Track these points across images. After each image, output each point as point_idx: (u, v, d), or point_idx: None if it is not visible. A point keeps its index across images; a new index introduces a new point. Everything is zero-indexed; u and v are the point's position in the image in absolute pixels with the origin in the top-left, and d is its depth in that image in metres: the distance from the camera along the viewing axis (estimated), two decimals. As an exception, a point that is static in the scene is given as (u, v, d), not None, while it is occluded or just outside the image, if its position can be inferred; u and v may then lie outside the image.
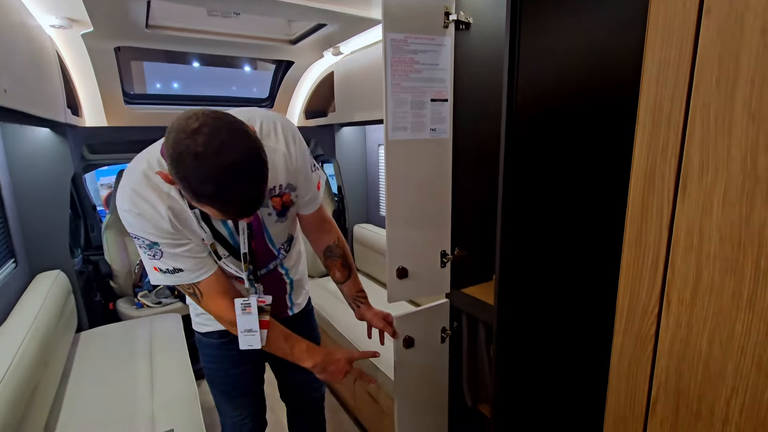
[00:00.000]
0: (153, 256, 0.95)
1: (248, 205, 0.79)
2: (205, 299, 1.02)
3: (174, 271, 0.96)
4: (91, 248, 2.83)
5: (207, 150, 0.71)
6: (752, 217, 0.47)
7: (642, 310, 0.58)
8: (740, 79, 0.46)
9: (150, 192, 0.89)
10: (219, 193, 0.74)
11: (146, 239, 0.92)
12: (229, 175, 0.73)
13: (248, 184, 0.76)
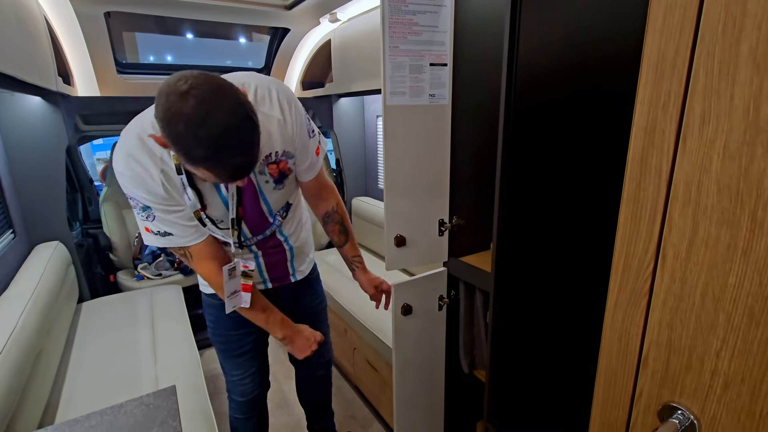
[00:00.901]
0: (146, 218, 0.98)
1: (240, 169, 0.79)
2: (195, 261, 1.07)
3: (165, 234, 0.99)
4: (90, 221, 2.83)
5: (197, 114, 0.71)
6: (751, 168, 0.46)
7: (637, 266, 0.59)
8: (746, 26, 0.44)
9: (144, 156, 0.91)
10: (210, 158, 0.75)
11: (139, 201, 0.95)
12: (219, 140, 0.73)
13: (239, 149, 0.76)
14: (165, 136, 0.75)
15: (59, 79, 1.81)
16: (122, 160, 0.92)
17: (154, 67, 2.47)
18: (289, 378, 2.34)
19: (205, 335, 2.64)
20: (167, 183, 0.94)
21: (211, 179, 0.82)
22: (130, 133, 0.92)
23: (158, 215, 0.96)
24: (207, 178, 0.84)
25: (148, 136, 0.90)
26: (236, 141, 0.75)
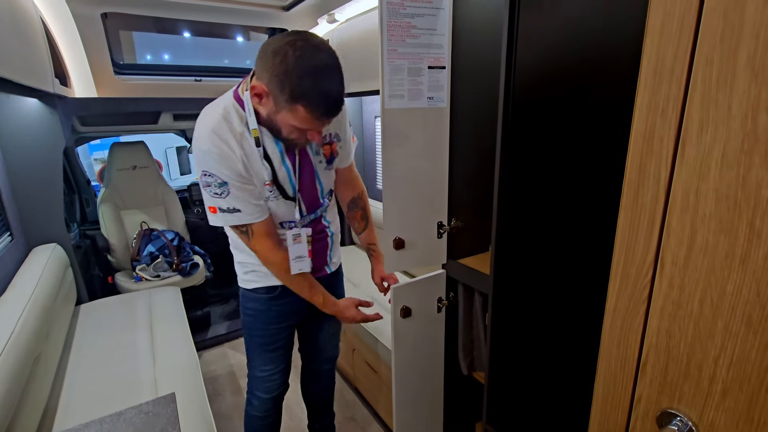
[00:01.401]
0: (219, 195, 1.05)
1: (335, 102, 0.96)
2: (255, 238, 1.13)
3: (233, 210, 1.07)
4: (88, 223, 2.83)
5: (305, 53, 0.90)
6: (749, 176, 0.46)
7: (636, 272, 0.59)
8: (745, 34, 0.44)
9: (227, 133, 1.02)
10: (315, 86, 0.91)
11: (219, 177, 1.03)
12: (322, 71, 0.92)
13: (336, 82, 0.95)
14: (273, 78, 0.91)
15: (56, 80, 1.80)
16: (207, 139, 1.01)
17: (151, 67, 2.46)
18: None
19: (204, 336, 2.66)
20: (246, 159, 1.05)
21: (304, 122, 0.96)
22: (213, 114, 1.03)
23: (232, 191, 1.05)
24: (301, 121, 0.96)
25: (233, 111, 1.03)
26: (334, 75, 0.94)
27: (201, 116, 1.06)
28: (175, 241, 2.68)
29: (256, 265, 1.26)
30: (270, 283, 1.28)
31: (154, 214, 2.86)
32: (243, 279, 1.32)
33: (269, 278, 1.27)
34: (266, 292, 1.30)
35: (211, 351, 2.63)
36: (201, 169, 1.04)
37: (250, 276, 1.30)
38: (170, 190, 2.94)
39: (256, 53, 0.98)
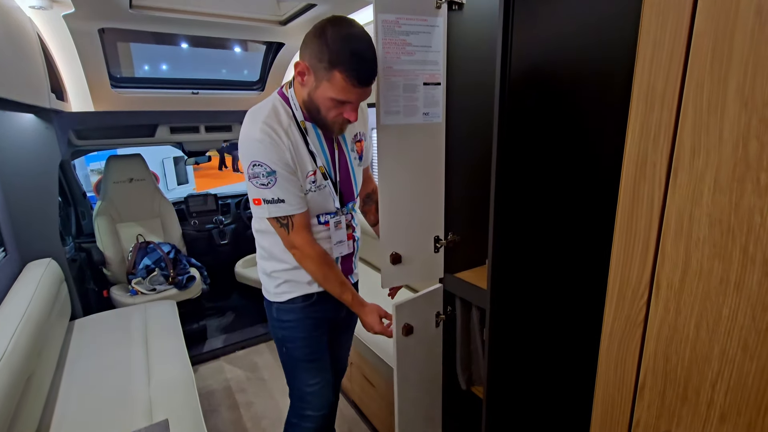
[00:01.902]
0: (265, 185, 1.09)
1: (369, 68, 1.03)
2: (294, 231, 1.16)
3: (277, 201, 1.11)
4: (83, 235, 2.81)
5: (342, 26, 1.01)
6: (742, 203, 0.46)
7: (632, 295, 0.59)
8: (734, 63, 0.45)
9: (277, 125, 1.09)
10: (351, 52, 0.99)
11: (268, 166, 1.07)
12: (357, 38, 1.01)
13: (370, 49, 1.02)
14: (324, 46, 1.00)
15: (52, 95, 1.80)
16: (259, 129, 1.06)
17: (148, 81, 2.47)
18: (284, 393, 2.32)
19: (200, 350, 2.63)
20: (293, 150, 1.11)
21: (343, 89, 1.03)
22: (262, 109, 1.10)
23: (279, 181, 1.09)
24: (339, 90, 1.04)
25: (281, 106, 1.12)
26: (369, 44, 1.02)
27: (248, 114, 1.13)
28: (171, 253, 2.66)
29: (290, 273, 1.26)
30: (306, 291, 1.29)
31: (150, 226, 2.84)
32: (276, 292, 1.30)
33: (304, 286, 1.28)
34: (303, 300, 1.30)
35: (207, 365, 2.61)
36: (250, 160, 1.08)
37: (283, 288, 1.29)
38: (167, 202, 2.93)
39: (253, 63, 1.03)
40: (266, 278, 1.32)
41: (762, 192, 0.45)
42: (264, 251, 1.29)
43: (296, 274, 1.26)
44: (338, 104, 1.08)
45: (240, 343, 2.76)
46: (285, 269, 1.26)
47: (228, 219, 3.30)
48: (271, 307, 1.33)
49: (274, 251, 1.26)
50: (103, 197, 2.72)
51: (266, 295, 1.34)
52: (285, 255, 1.24)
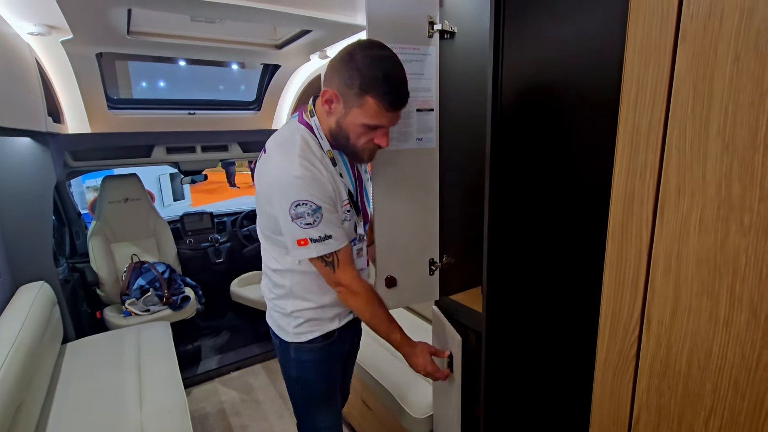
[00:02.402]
0: (311, 224, 1.01)
1: (403, 91, 1.01)
2: (341, 267, 1.08)
3: (325, 238, 1.03)
4: (77, 255, 2.79)
5: (373, 49, 0.98)
6: (727, 242, 0.47)
7: (623, 329, 0.59)
8: (714, 107, 0.46)
9: (313, 157, 1.04)
10: (383, 75, 0.95)
11: (314, 203, 1.00)
12: (389, 61, 0.98)
13: (402, 71, 1.00)
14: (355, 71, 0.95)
15: (49, 119, 1.81)
16: (298, 165, 0.99)
17: (145, 102, 2.49)
18: (279, 417, 2.28)
19: (194, 372, 2.59)
20: (332, 180, 1.06)
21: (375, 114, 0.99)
22: (292, 141, 1.04)
23: (325, 215, 1.02)
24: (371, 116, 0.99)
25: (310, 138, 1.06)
26: (400, 67, 1.01)
27: (275, 147, 1.07)
28: (166, 273, 2.65)
29: (315, 312, 1.19)
30: (328, 329, 1.22)
31: (145, 246, 2.83)
32: (296, 332, 1.21)
33: (326, 324, 1.21)
34: (323, 339, 1.22)
35: (201, 387, 2.57)
36: (293, 200, 0.99)
37: (305, 327, 1.21)
38: (162, 221, 2.93)
39: (250, 80, 1.00)
40: (284, 318, 1.22)
41: (746, 233, 0.46)
42: (282, 290, 1.20)
43: (321, 312, 1.20)
44: (369, 130, 1.03)
45: (235, 364, 2.72)
46: (309, 308, 1.19)
47: (224, 237, 3.29)
48: (288, 348, 1.24)
49: (295, 290, 1.17)
50: (98, 217, 2.71)
51: (281, 334, 1.24)
52: (309, 294, 1.17)
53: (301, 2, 1.45)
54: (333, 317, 1.23)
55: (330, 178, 1.05)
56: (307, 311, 1.19)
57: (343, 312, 1.25)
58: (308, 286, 1.17)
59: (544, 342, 1.06)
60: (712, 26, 0.46)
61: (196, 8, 1.43)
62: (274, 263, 1.18)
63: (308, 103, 1.12)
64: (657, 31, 0.50)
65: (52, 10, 1.40)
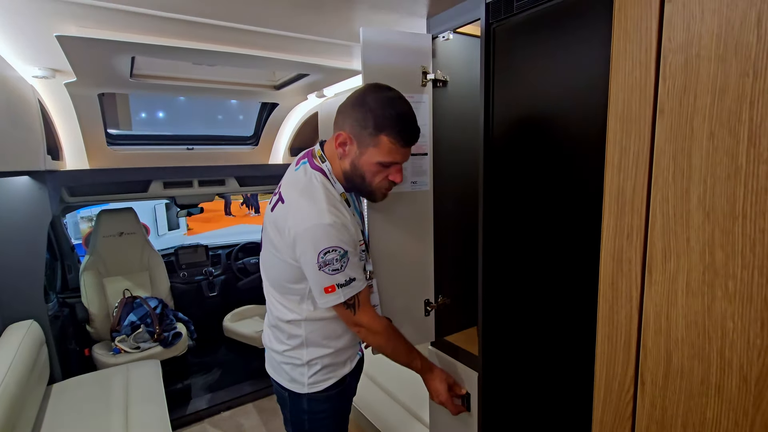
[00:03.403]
0: (338, 270, 1.02)
1: (415, 127, 1.04)
2: (361, 309, 1.08)
3: (350, 281, 1.04)
4: (68, 290, 2.75)
5: (382, 91, 1.02)
6: (714, 307, 0.48)
7: (618, 387, 0.59)
8: (694, 178, 0.49)
9: (338, 204, 1.06)
10: (395, 114, 0.99)
11: (341, 249, 1.00)
12: (399, 101, 1.01)
13: (412, 110, 1.04)
14: (360, 117, 1.00)
15: (48, 156, 1.83)
16: (327, 212, 1.00)
17: (143, 138, 2.53)
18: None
19: (183, 412, 2.51)
20: (353, 222, 1.07)
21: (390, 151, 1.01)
22: (315, 188, 1.05)
23: (351, 259, 1.03)
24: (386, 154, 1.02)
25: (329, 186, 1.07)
26: (410, 106, 1.04)
27: (300, 196, 1.05)
28: (158, 308, 2.60)
29: (329, 357, 1.17)
30: (341, 374, 1.20)
31: (138, 280, 2.80)
32: (311, 382, 1.17)
33: (341, 368, 1.20)
34: (336, 386, 1.19)
35: (190, 429, 2.47)
36: (322, 248, 0.99)
37: (320, 375, 1.17)
38: (156, 255, 2.90)
39: (248, 110, 1.02)
40: (298, 369, 1.17)
41: (731, 299, 0.47)
42: (297, 340, 1.15)
43: (336, 356, 1.18)
44: (384, 168, 1.04)
45: (226, 403, 2.64)
46: (326, 354, 1.16)
47: (218, 270, 3.26)
48: (301, 400, 1.18)
49: (313, 338, 1.14)
50: (92, 251, 2.69)
51: (295, 387, 1.18)
52: (326, 340, 1.15)
53: (300, 50, 1.51)
54: (346, 360, 1.21)
55: (352, 221, 1.07)
56: (324, 358, 1.16)
57: (353, 354, 1.24)
58: (325, 332, 1.15)
59: (541, 385, 1.04)
60: (687, 102, 0.49)
61: (198, 56, 1.48)
62: (289, 314, 1.14)
63: (315, 147, 1.13)
64: (636, 104, 0.53)
65: (57, 56, 1.44)
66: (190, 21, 1.18)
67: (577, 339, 0.89)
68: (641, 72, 0.52)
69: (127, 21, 1.17)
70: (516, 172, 1.00)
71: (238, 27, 1.24)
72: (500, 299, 1.09)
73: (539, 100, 0.94)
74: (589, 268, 0.75)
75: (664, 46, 0.50)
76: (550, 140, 0.95)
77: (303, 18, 1.20)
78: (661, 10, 0.50)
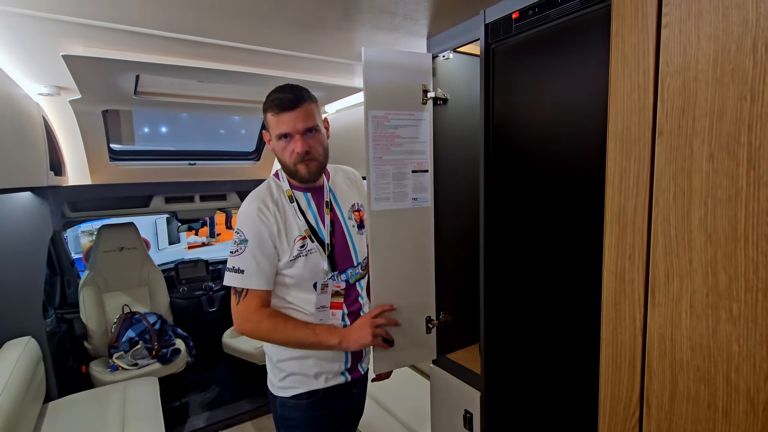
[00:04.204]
0: (234, 252, 1.14)
1: (288, 95, 1.12)
2: (244, 301, 1.15)
3: (238, 270, 1.13)
4: (66, 306, 2.73)
5: None
6: (719, 330, 0.48)
7: (624, 411, 0.58)
8: (695, 199, 0.49)
9: (268, 198, 1.17)
10: (276, 90, 1.13)
11: (243, 235, 1.13)
12: (279, 88, 1.14)
13: (286, 89, 1.14)
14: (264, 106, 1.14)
15: (51, 173, 1.84)
16: (247, 201, 1.17)
17: (146, 153, 2.54)
18: (270, 481, 2.14)
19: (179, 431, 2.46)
20: (280, 218, 1.16)
21: (276, 123, 1.11)
22: (258, 188, 1.21)
23: (246, 252, 1.13)
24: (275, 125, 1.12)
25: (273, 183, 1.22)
26: (285, 87, 1.15)
27: (249, 195, 1.21)
28: (157, 324, 2.58)
29: (296, 364, 1.20)
30: (311, 387, 1.22)
31: (137, 295, 2.78)
32: (280, 386, 1.23)
33: (310, 381, 1.21)
34: (308, 397, 1.22)
35: (186, 448, 2.43)
36: (235, 227, 1.16)
37: (288, 382, 1.22)
38: (156, 270, 2.89)
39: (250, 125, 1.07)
40: (272, 368, 1.25)
41: (736, 322, 0.46)
42: (268, 346, 1.24)
43: (302, 365, 1.20)
44: (284, 143, 1.14)
45: (224, 422, 2.59)
46: (291, 358, 1.20)
47: (218, 285, 3.25)
48: (275, 401, 1.25)
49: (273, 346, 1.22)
50: (92, 267, 2.69)
51: (270, 387, 1.26)
52: None
53: (302, 68, 1.53)
54: (317, 375, 1.21)
55: (278, 215, 1.16)
56: (290, 362, 1.20)
57: (330, 373, 1.22)
58: None
59: (545, 405, 1.03)
60: (686, 124, 0.49)
61: (201, 74, 1.51)
62: None
63: None
64: (636, 125, 0.54)
65: (62, 74, 1.47)
66: (194, 41, 1.20)
67: (581, 357, 0.88)
68: (639, 94, 0.53)
69: (133, 41, 1.19)
70: (516, 188, 1.00)
71: (241, 47, 1.27)
72: (502, 316, 1.08)
73: (538, 118, 0.95)
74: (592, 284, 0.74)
75: (661, 69, 0.51)
76: (550, 157, 0.96)
77: (306, 38, 1.22)
78: (658, 34, 0.51)
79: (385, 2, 0.98)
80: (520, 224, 1.01)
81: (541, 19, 0.84)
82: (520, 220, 1.01)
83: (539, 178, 0.97)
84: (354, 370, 1.28)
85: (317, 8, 1.01)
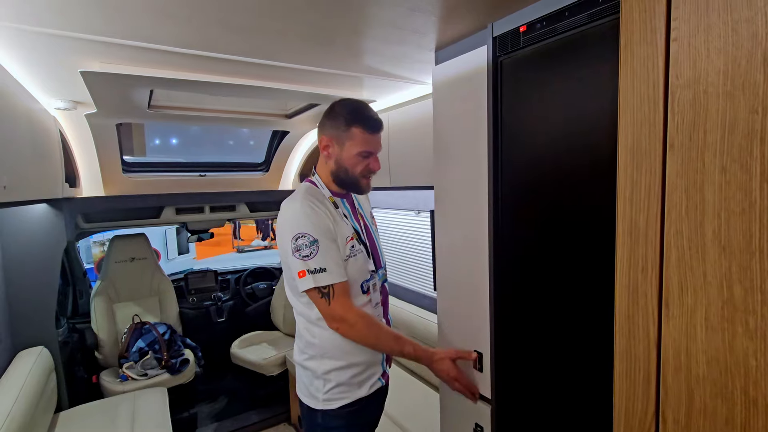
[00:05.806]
0: (308, 256, 1.11)
1: (377, 117, 1.20)
2: (335, 299, 1.14)
3: (320, 270, 1.11)
4: (78, 316, 2.76)
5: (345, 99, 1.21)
6: (735, 344, 0.47)
7: (639, 426, 0.57)
8: (708, 212, 0.49)
9: (316, 199, 1.18)
10: (360, 109, 1.17)
11: (311, 236, 1.11)
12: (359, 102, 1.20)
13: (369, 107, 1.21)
14: (333, 121, 1.17)
15: (66, 185, 1.88)
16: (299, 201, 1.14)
17: (157, 165, 2.59)
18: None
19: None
20: (332, 217, 1.17)
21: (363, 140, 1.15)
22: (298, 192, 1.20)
23: (321, 249, 1.11)
24: (360, 142, 1.16)
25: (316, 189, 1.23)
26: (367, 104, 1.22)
27: (285, 201, 1.20)
28: (166, 335, 2.59)
29: (344, 372, 1.20)
30: (355, 396, 1.22)
31: (147, 305, 2.80)
32: (325, 398, 1.21)
33: (355, 391, 1.22)
34: (350, 406, 1.22)
35: (194, 461, 2.42)
36: (293, 233, 1.11)
37: (334, 393, 1.21)
38: (166, 280, 2.92)
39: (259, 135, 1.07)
40: (314, 381, 1.22)
41: (753, 335, 0.46)
42: (314, 349, 1.21)
43: (351, 374, 1.21)
44: (363, 159, 1.18)
45: (232, 432, 2.59)
46: (340, 368, 1.19)
47: (227, 295, 3.26)
48: (315, 415, 1.22)
49: (327, 347, 1.19)
50: (103, 277, 2.72)
51: (310, 402, 1.23)
52: (341, 352, 1.19)
53: (312, 81, 1.55)
54: (362, 383, 1.22)
55: (330, 216, 1.17)
56: (339, 372, 1.20)
57: (370, 376, 1.24)
58: (339, 342, 1.18)
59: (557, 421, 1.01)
60: (697, 137, 0.49)
61: (213, 89, 1.54)
62: (302, 320, 1.23)
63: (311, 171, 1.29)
64: (646, 138, 0.54)
65: (79, 89, 1.51)
66: (206, 56, 1.23)
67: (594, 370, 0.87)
68: (650, 107, 0.53)
69: (147, 57, 1.23)
70: (525, 199, 1.00)
71: (252, 61, 1.29)
72: (512, 328, 1.07)
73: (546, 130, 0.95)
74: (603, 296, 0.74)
75: (671, 82, 0.51)
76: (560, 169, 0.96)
77: (315, 52, 1.25)
78: (667, 48, 0.52)
79: (393, 17, 1.00)
80: (529, 234, 1.01)
81: (549, 32, 0.85)
82: (529, 230, 1.01)
83: (549, 191, 0.97)
84: (385, 374, 1.32)
85: (326, 23, 1.04)
